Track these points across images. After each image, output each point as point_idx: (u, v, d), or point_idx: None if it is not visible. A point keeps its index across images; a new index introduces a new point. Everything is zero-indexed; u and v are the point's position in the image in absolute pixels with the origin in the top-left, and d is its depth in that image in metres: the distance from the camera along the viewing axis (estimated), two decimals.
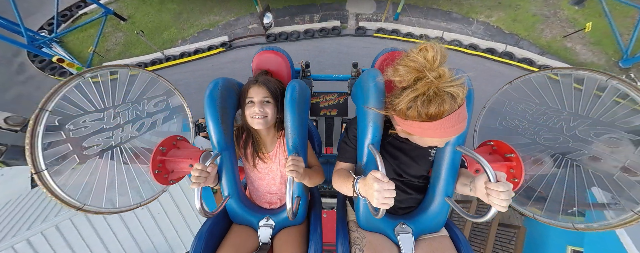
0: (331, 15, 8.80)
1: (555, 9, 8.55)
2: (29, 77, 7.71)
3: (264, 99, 1.14)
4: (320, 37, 8.30)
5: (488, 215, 0.79)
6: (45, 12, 8.58)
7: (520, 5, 8.71)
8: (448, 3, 8.94)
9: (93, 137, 1.11)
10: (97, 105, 1.14)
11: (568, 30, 7.97)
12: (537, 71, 1.30)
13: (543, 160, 1.22)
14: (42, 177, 0.94)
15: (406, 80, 0.79)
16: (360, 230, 1.12)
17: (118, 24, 8.87)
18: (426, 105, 0.74)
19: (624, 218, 0.98)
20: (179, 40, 8.52)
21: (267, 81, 1.18)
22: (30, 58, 7.91)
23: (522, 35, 8.16)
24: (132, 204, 1.21)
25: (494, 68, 7.53)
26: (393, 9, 8.63)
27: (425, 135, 0.81)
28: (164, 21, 8.93)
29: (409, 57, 0.77)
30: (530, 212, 1.20)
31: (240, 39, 8.37)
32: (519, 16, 8.53)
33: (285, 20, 8.79)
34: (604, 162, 1.06)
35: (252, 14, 8.87)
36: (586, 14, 8.22)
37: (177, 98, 1.46)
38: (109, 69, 1.19)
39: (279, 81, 1.26)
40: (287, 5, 9.08)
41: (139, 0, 9.42)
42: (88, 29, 8.58)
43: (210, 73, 7.60)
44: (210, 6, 9.19)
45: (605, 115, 1.07)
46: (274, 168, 1.26)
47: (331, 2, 9.10)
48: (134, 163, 1.23)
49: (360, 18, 8.74)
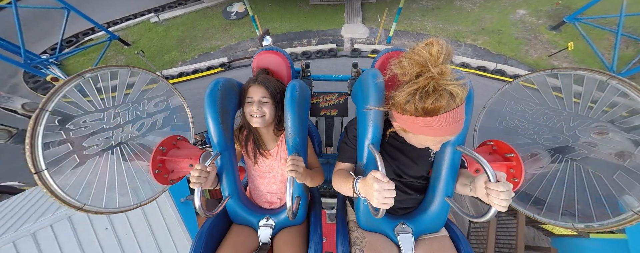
0: (327, 39, 9.46)
1: (535, 33, 9.32)
2: (19, 97, 7.87)
3: (263, 98, 1.14)
4: (317, 58, 8.81)
5: (488, 215, 0.80)
6: (52, 38, 8.83)
7: (502, 31, 9.47)
8: (435, 29, 9.70)
9: (93, 137, 1.11)
10: (97, 105, 1.14)
11: (551, 51, 8.64)
12: (537, 71, 1.30)
13: (543, 160, 1.22)
14: (42, 177, 0.94)
15: (409, 73, 0.79)
16: (360, 230, 1.12)
17: (121, 48, 9.20)
18: (424, 99, 0.74)
19: (624, 218, 0.98)
20: (179, 62, 8.83)
21: (267, 80, 1.18)
22: (25, 79, 8.00)
23: (509, 55, 8.80)
24: (132, 204, 1.21)
25: (488, 84, 8.01)
26: (385, 34, 9.28)
27: (420, 132, 0.81)
28: (167, 45, 9.31)
29: (414, 51, 0.77)
30: (530, 212, 1.20)
31: (239, 60, 8.69)
32: (503, 39, 9.24)
33: (284, 44, 9.33)
34: (601, 160, 1.06)
35: (253, 39, 9.34)
36: (565, 37, 8.94)
37: (177, 98, 1.46)
38: (109, 69, 1.19)
39: (279, 80, 1.26)
40: (286, 31, 9.72)
41: (146, 28, 9.87)
42: (91, 53, 8.87)
43: None
44: (212, 33, 9.68)
45: (605, 115, 1.07)
46: (275, 166, 1.27)
47: (327, 29, 9.79)
48: (134, 162, 1.23)
49: (355, 42, 9.38)
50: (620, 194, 1.01)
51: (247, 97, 1.16)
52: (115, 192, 1.16)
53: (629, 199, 0.98)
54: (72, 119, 1.04)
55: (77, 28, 9.19)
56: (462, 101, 0.76)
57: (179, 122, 1.47)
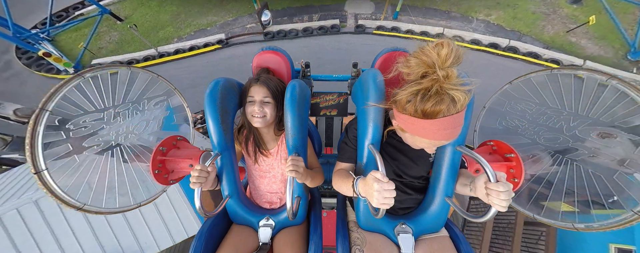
0: (330, 15, 8.86)
1: (554, 8, 8.60)
2: (14, 73, 7.70)
3: (264, 98, 1.14)
4: (319, 35, 8.25)
5: (488, 215, 0.79)
6: (42, 13, 8.60)
7: (518, 5, 8.75)
8: (446, 3, 8.98)
9: (93, 137, 1.11)
10: (97, 105, 1.14)
11: (570, 26, 7.97)
12: (537, 71, 1.30)
13: (543, 160, 1.22)
14: (42, 177, 0.94)
15: (414, 73, 0.78)
16: (360, 231, 1.12)
17: (114, 24, 8.83)
18: (425, 101, 0.74)
19: (624, 218, 0.98)
20: (175, 39, 8.45)
21: (268, 80, 1.18)
22: (18, 55, 7.88)
23: (524, 32, 8.14)
24: (132, 204, 1.21)
25: (498, 62, 7.48)
26: (392, 9, 8.70)
27: (417, 133, 0.81)
28: (162, 21, 8.90)
29: (423, 51, 0.76)
30: (530, 211, 1.20)
31: (237, 37, 8.28)
32: (518, 14, 8.56)
33: (284, 20, 8.80)
34: (601, 160, 1.06)
35: (251, 14, 8.88)
36: (585, 12, 8.26)
37: (177, 98, 1.46)
38: (109, 69, 1.19)
39: (280, 80, 1.26)
40: (286, 7, 9.14)
41: (138, 3, 9.43)
42: (82, 28, 8.55)
43: (205, 69, 7.48)
44: (209, 7, 9.19)
45: (605, 115, 1.07)
46: (275, 165, 1.27)
47: (330, 4, 9.16)
48: (134, 163, 1.23)
49: (359, 17, 8.75)
50: (620, 194, 1.01)
51: (248, 97, 1.16)
52: (115, 191, 1.16)
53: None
54: (72, 119, 1.04)
55: (66, 1, 8.92)
56: (463, 107, 0.76)
57: (179, 122, 1.47)
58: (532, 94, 1.30)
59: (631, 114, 1.01)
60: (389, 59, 1.29)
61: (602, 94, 1.08)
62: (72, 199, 1.00)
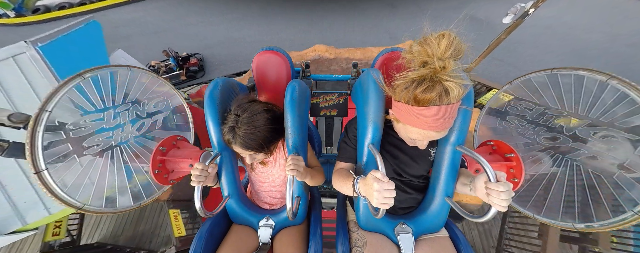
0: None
1: None
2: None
3: (250, 155, 1.06)
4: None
5: (488, 215, 0.79)
6: None
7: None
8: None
9: (93, 137, 1.11)
10: (97, 105, 1.14)
11: None
12: (537, 71, 1.30)
13: (543, 160, 1.22)
14: (42, 177, 0.94)
15: (415, 60, 0.80)
16: (361, 231, 1.12)
17: None
18: (417, 86, 0.75)
19: (624, 218, 0.98)
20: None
21: (248, 136, 0.97)
22: None
23: None
24: (132, 204, 1.21)
25: None
26: None
27: (406, 121, 0.82)
28: None
29: (426, 40, 0.78)
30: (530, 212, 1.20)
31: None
32: None
33: None
34: (601, 160, 1.06)
35: None
36: None
37: (177, 98, 1.47)
38: (109, 69, 1.20)
39: (268, 110, 1.06)
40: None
41: None
42: None
43: (175, 11, 5.85)
44: None
45: (605, 115, 1.07)
46: (273, 172, 1.26)
47: None
48: (134, 163, 1.23)
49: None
50: (621, 194, 1.01)
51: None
52: (115, 191, 1.16)
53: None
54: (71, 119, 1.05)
55: None
56: (456, 100, 0.76)
57: (179, 122, 1.48)
58: (532, 93, 1.30)
59: (631, 114, 1.01)
60: (389, 59, 1.29)
61: (602, 94, 1.08)
62: (72, 199, 1.00)
